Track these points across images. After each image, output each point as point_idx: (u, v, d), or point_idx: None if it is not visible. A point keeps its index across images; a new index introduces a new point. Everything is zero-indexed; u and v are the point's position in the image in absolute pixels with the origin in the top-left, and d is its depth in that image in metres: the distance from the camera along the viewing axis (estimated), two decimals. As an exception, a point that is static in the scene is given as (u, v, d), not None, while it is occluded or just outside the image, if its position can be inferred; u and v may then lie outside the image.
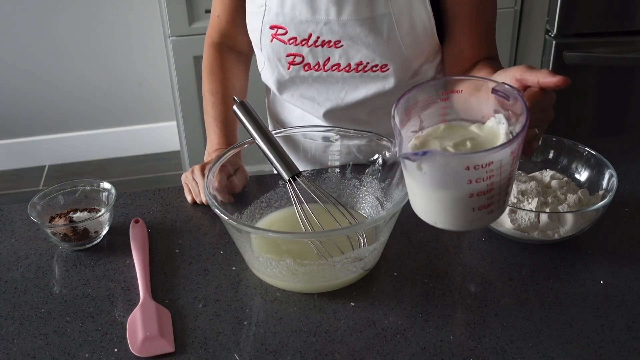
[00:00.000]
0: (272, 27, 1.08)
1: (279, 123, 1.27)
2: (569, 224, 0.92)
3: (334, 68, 1.09)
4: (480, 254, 0.95)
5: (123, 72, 2.80)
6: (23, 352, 0.81)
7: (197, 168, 1.07)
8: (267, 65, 1.14)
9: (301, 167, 0.98)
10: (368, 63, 1.07)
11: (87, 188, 1.03)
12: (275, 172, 0.93)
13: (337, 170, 1.03)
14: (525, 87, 0.79)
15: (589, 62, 2.17)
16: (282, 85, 1.15)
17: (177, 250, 0.97)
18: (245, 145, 0.98)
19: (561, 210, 0.94)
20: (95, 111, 2.90)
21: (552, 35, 2.17)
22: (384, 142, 0.96)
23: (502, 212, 0.78)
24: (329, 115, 1.16)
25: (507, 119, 0.76)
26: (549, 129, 0.86)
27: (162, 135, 2.87)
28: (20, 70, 2.76)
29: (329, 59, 1.08)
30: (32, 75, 2.77)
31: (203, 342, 0.81)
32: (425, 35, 1.06)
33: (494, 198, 0.75)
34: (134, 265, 0.93)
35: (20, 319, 0.86)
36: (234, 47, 1.22)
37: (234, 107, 0.94)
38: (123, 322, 0.84)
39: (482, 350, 0.79)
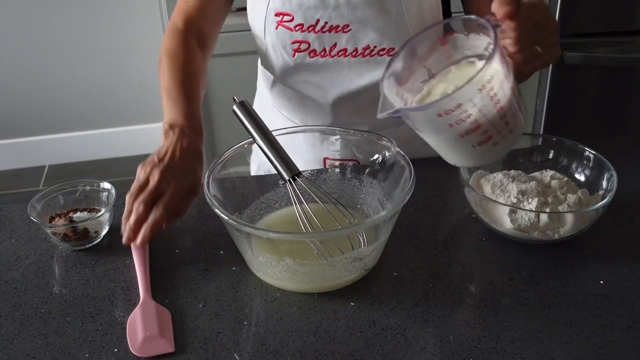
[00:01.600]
0: (277, 14, 1.07)
1: (277, 109, 1.25)
2: (569, 224, 0.92)
3: (340, 53, 1.09)
4: (480, 254, 0.95)
5: (123, 72, 2.80)
6: (23, 352, 0.81)
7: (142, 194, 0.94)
8: (271, 52, 1.13)
9: (301, 167, 0.98)
10: (375, 47, 1.07)
11: (87, 188, 1.03)
12: (275, 172, 0.93)
13: (337, 170, 1.03)
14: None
15: (589, 62, 2.17)
16: (286, 73, 1.14)
17: (177, 250, 0.97)
18: (245, 146, 0.98)
19: (561, 210, 0.94)
20: (95, 111, 2.90)
21: (552, 35, 2.17)
22: (384, 142, 0.96)
23: (515, 138, 0.79)
24: (337, 104, 1.15)
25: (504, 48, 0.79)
26: (549, 129, 0.87)
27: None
28: (20, 70, 2.76)
29: (335, 44, 1.08)
30: (32, 75, 2.77)
31: (203, 342, 0.81)
32: (432, 16, 1.07)
33: (490, 132, 0.77)
34: (134, 265, 0.93)
35: (20, 319, 0.86)
36: (197, 38, 1.15)
37: (234, 107, 0.94)
38: (123, 322, 0.84)
39: (482, 350, 0.79)
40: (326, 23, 1.05)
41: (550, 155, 1.07)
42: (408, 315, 0.84)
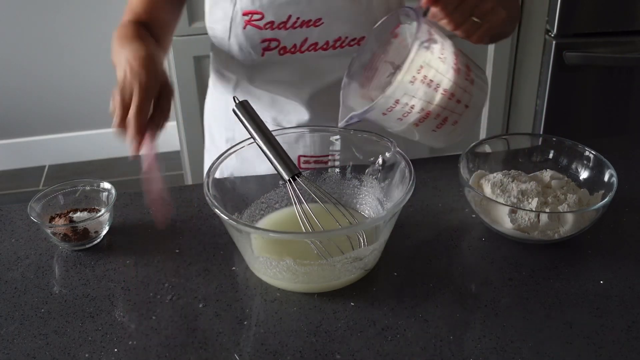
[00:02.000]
0: (245, 14, 1.05)
1: None
2: (569, 224, 0.92)
3: (311, 48, 1.08)
4: (480, 254, 0.95)
5: (123, 72, 2.80)
6: (23, 352, 0.81)
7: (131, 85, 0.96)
8: (237, 54, 1.11)
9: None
10: (347, 37, 1.06)
11: (87, 188, 1.03)
12: (275, 172, 0.93)
13: (337, 170, 1.03)
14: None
15: (589, 62, 2.17)
16: (254, 73, 1.12)
17: (177, 250, 0.97)
18: (245, 146, 0.98)
19: (561, 210, 0.94)
20: (95, 111, 2.90)
21: (552, 35, 2.17)
22: (384, 142, 0.96)
23: (475, 111, 0.85)
24: (312, 100, 1.14)
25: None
26: (549, 129, 0.89)
27: (162, 135, 2.87)
28: (20, 70, 2.76)
29: (306, 39, 1.07)
30: (32, 75, 2.77)
31: (203, 342, 0.81)
32: (396, 1, 1.08)
33: (443, 114, 0.81)
34: (134, 265, 0.93)
35: (20, 319, 0.86)
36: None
37: (234, 107, 0.94)
38: (123, 322, 0.84)
39: (482, 350, 0.79)
40: (298, 18, 1.04)
41: (550, 155, 1.07)
42: (408, 315, 0.84)
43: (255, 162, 1.00)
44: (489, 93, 0.85)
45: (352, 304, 0.86)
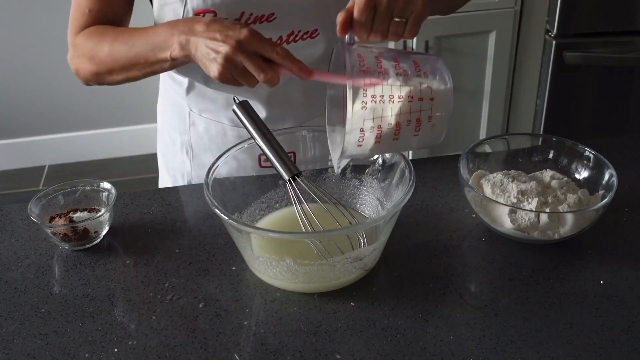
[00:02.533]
0: (197, 13, 1.02)
1: (197, 113, 1.18)
2: (569, 224, 0.92)
3: None
4: (480, 254, 0.95)
5: (123, 72, 2.80)
6: (23, 352, 0.81)
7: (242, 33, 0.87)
8: None
9: (301, 166, 0.98)
10: (299, 31, 1.06)
11: (87, 188, 1.03)
12: (275, 172, 0.93)
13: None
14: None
15: (589, 62, 2.17)
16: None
17: (177, 250, 0.97)
18: (246, 145, 0.98)
19: (561, 210, 0.94)
20: (95, 111, 2.90)
21: (552, 35, 2.17)
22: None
23: (444, 99, 0.84)
24: (270, 99, 1.12)
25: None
26: (549, 129, 0.89)
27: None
28: (20, 70, 2.76)
29: None
30: (32, 75, 2.77)
31: (203, 342, 0.81)
32: None
33: (413, 117, 0.85)
34: (134, 265, 0.93)
35: (20, 319, 0.86)
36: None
37: (234, 107, 0.93)
38: (123, 322, 0.84)
39: (482, 350, 0.79)
40: (251, 15, 1.02)
41: (550, 155, 1.07)
42: (408, 315, 0.84)
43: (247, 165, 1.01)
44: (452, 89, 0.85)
45: (352, 304, 0.86)
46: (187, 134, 1.19)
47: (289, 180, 0.90)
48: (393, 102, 0.80)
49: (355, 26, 0.83)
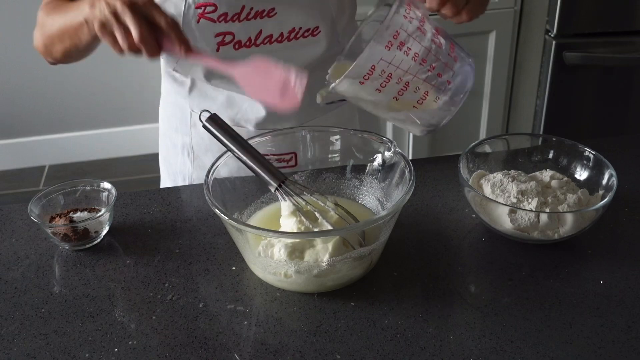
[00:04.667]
0: (198, 6, 1.02)
1: (198, 112, 1.15)
2: (569, 224, 0.92)
3: (266, 41, 1.06)
4: (480, 254, 0.95)
5: (123, 72, 2.80)
6: (23, 352, 0.81)
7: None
8: None
9: (301, 166, 0.98)
10: (301, 28, 1.06)
11: (87, 188, 1.03)
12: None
13: (337, 170, 1.03)
14: None
15: (589, 62, 2.18)
16: (211, 71, 1.10)
17: (177, 250, 0.97)
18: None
19: (561, 210, 0.94)
20: (95, 111, 2.90)
21: (552, 35, 2.17)
22: (384, 142, 0.96)
23: (455, 96, 0.84)
24: None
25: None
26: (549, 129, 0.88)
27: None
28: (20, 70, 2.76)
29: (260, 32, 1.05)
30: (32, 75, 2.77)
31: (203, 342, 0.81)
32: None
33: (422, 89, 0.84)
34: (134, 265, 0.93)
35: (20, 319, 0.86)
36: None
37: (204, 121, 0.91)
38: (123, 322, 0.84)
39: (482, 350, 0.79)
40: (252, 9, 1.02)
41: (550, 155, 1.07)
42: (408, 315, 0.84)
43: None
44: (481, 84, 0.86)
45: (352, 304, 0.86)
46: (188, 135, 1.20)
47: (277, 187, 0.90)
48: (415, 62, 0.79)
49: None
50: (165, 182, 1.29)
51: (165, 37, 0.87)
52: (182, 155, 1.22)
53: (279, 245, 0.86)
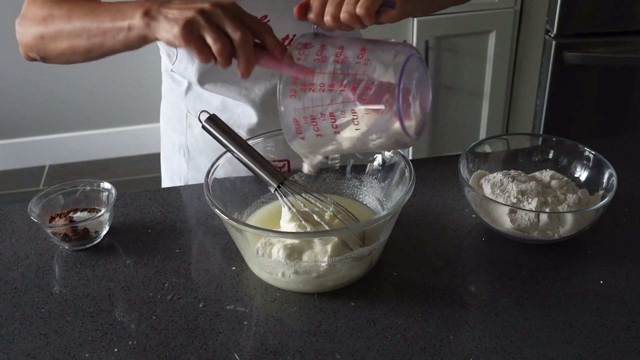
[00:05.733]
0: None
1: (193, 114, 1.17)
2: (569, 224, 0.92)
3: None
4: (480, 254, 0.95)
5: (123, 72, 2.80)
6: (23, 352, 0.81)
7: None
8: (186, 57, 1.09)
9: (297, 170, 0.98)
10: (294, 35, 1.05)
11: (87, 188, 1.03)
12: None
13: (337, 170, 1.03)
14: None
15: (589, 62, 2.18)
16: (204, 76, 1.10)
17: (177, 250, 0.97)
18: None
19: (561, 210, 0.94)
20: (95, 111, 2.90)
21: (552, 35, 2.17)
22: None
23: (384, 109, 0.75)
24: (264, 102, 1.12)
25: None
26: (549, 129, 0.87)
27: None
28: (20, 70, 2.76)
29: None
30: (32, 75, 2.77)
31: (203, 342, 0.81)
32: None
33: (348, 111, 0.75)
34: (134, 265, 0.93)
35: (20, 319, 0.86)
36: None
37: (204, 122, 0.90)
38: (123, 322, 0.84)
39: (482, 350, 0.79)
40: None
41: (550, 155, 1.07)
42: (408, 315, 0.84)
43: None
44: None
45: (352, 304, 0.86)
46: (184, 136, 1.19)
47: (277, 188, 0.89)
48: (324, 91, 0.74)
49: (312, 7, 0.81)
50: (165, 182, 1.29)
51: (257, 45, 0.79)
52: (179, 155, 1.22)
53: (278, 246, 0.86)
